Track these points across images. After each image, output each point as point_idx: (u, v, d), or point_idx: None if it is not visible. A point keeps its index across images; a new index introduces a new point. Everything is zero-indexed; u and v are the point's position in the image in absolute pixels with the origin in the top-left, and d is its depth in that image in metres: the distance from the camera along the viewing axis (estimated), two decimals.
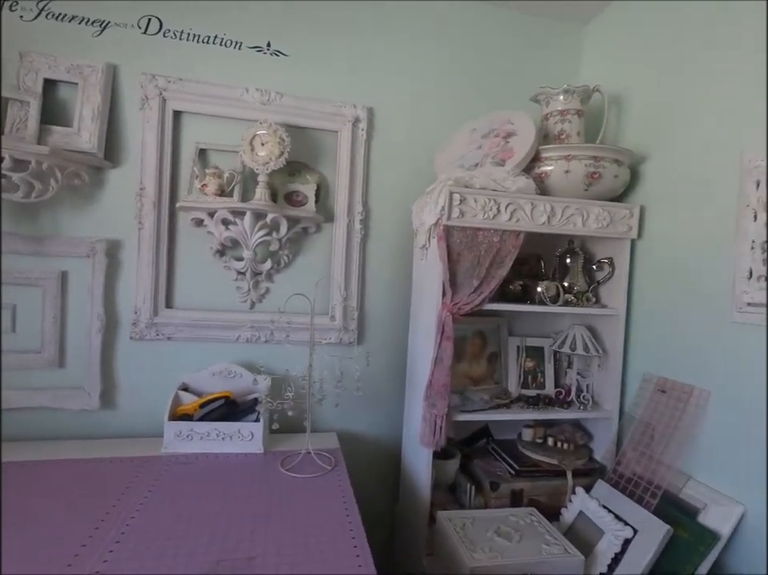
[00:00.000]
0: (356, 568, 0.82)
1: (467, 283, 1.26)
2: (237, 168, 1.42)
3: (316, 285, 1.26)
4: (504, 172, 1.26)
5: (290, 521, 0.97)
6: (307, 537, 0.91)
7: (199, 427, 1.29)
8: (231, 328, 1.46)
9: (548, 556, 1.06)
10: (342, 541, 0.91)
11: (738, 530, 1.06)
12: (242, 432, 1.30)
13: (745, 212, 1.07)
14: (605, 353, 1.46)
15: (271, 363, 1.45)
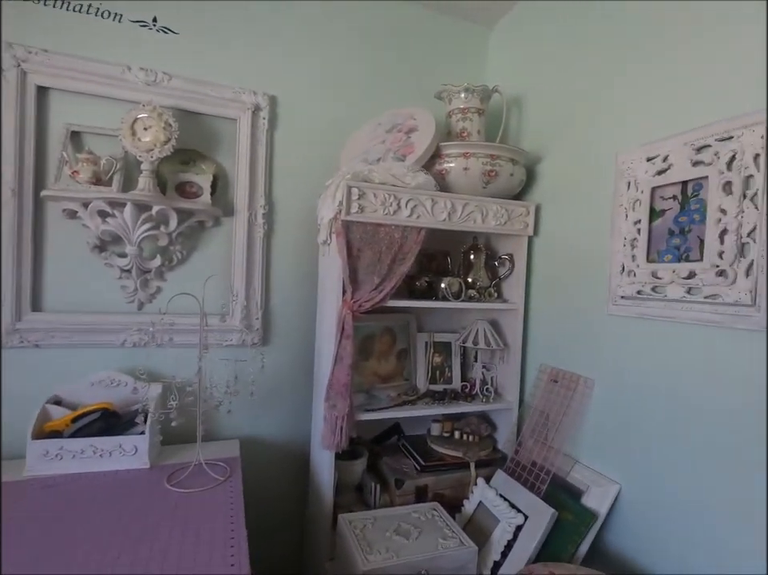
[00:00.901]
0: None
1: (368, 279, 1.24)
2: (118, 155, 1.28)
3: (205, 282, 1.17)
4: (404, 168, 1.25)
5: (164, 541, 0.88)
6: (181, 557, 0.83)
7: (70, 444, 1.14)
8: (116, 332, 1.32)
9: (444, 550, 1.06)
10: (220, 559, 0.84)
11: (615, 508, 1.14)
12: (124, 446, 1.18)
13: (618, 210, 1.14)
14: (507, 346, 1.51)
15: (165, 369, 1.34)
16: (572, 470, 1.24)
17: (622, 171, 1.13)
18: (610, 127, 1.21)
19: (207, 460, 1.23)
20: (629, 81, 1.16)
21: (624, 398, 1.14)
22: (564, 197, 1.37)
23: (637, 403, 1.11)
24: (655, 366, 1.06)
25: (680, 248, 0.99)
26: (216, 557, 0.85)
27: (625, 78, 1.17)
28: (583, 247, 1.29)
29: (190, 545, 0.88)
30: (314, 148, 1.55)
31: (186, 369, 1.20)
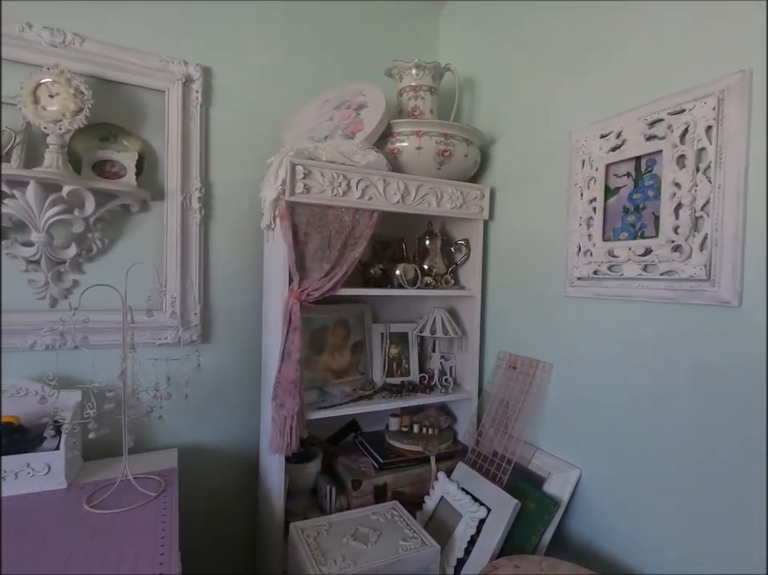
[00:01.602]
0: None
1: (316, 266, 1.14)
2: (19, 126, 1.09)
3: (127, 272, 1.02)
4: (354, 146, 1.16)
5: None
6: None
7: None
8: (23, 333, 1.14)
9: (404, 552, 0.99)
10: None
11: (576, 494, 1.12)
12: (33, 466, 1.01)
13: (573, 190, 1.11)
14: (465, 334, 1.46)
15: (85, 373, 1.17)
16: (533, 458, 1.21)
17: (576, 149, 1.11)
18: (563, 105, 1.18)
19: (137, 474, 1.09)
20: (581, 58, 1.14)
21: (582, 382, 1.12)
22: (519, 179, 1.34)
23: (595, 386, 1.09)
24: (612, 347, 1.05)
25: (635, 225, 0.97)
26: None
27: (577, 57, 1.15)
28: (539, 230, 1.26)
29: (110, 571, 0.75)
30: (256, 127, 1.42)
31: (110, 372, 1.05)
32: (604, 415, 1.06)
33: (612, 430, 1.05)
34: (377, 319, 1.56)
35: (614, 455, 1.04)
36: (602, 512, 1.07)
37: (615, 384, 1.04)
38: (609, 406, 1.05)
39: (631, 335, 1.00)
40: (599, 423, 1.08)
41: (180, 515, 1.32)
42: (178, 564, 0.80)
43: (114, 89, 1.23)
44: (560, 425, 1.19)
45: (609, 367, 1.05)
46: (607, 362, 1.06)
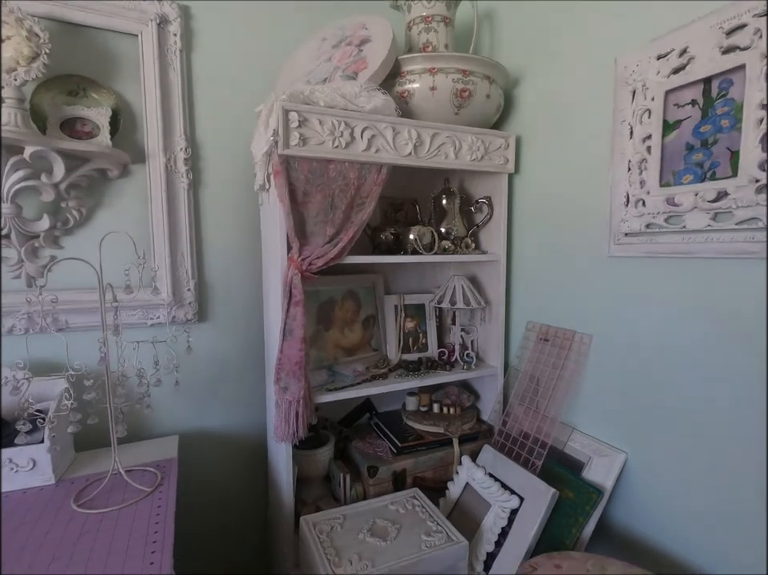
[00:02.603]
0: None
1: (319, 231, 0.99)
2: None
3: (101, 242, 0.89)
4: (357, 87, 0.98)
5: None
6: None
7: None
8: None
9: (428, 549, 0.89)
10: None
11: (621, 479, 0.99)
12: (16, 461, 0.92)
13: (620, 128, 0.93)
14: (488, 304, 1.31)
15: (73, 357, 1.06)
16: (569, 440, 1.08)
17: (624, 78, 0.91)
18: (606, 25, 0.98)
19: (132, 466, 1.00)
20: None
21: (629, 355, 0.97)
22: (550, 124, 1.15)
23: (645, 360, 0.94)
24: (667, 316, 0.89)
25: (704, 165, 0.79)
26: None
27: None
28: (575, 181, 1.09)
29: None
30: (246, 75, 1.25)
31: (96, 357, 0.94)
32: (656, 393, 0.92)
33: (667, 409, 0.90)
34: (390, 290, 1.42)
35: (667, 437, 0.90)
36: (653, 501, 0.93)
37: (670, 358, 0.89)
38: (661, 383, 0.90)
39: (694, 301, 0.84)
40: (648, 402, 0.93)
41: (185, 506, 1.25)
42: (170, 570, 0.69)
43: (80, 34, 1.07)
44: (601, 404, 1.05)
45: (662, 339, 0.90)
46: (661, 332, 0.90)
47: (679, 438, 0.88)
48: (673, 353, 0.88)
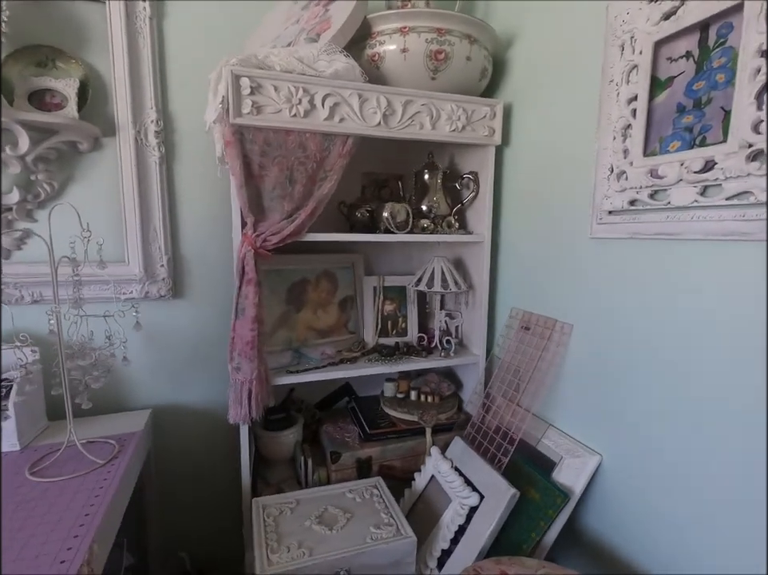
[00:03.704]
0: None
1: (276, 206, 0.94)
2: None
3: (50, 213, 0.88)
4: (315, 50, 0.91)
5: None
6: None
7: None
8: None
9: (373, 541, 0.84)
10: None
11: (594, 484, 0.90)
12: None
13: (608, 90, 0.81)
14: (472, 288, 1.23)
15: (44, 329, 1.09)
16: (543, 437, 1.00)
17: (614, 29, 0.79)
18: None
19: (95, 437, 1.01)
20: None
21: (610, 348, 0.87)
22: (541, 90, 1.03)
23: (626, 353, 0.84)
24: (650, 305, 0.78)
25: (693, 129, 0.67)
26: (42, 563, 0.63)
27: None
28: (563, 154, 0.97)
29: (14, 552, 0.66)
30: (221, 44, 1.19)
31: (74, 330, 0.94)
32: (637, 391, 0.82)
33: (647, 410, 0.80)
34: (371, 271, 1.36)
35: (646, 442, 0.80)
36: (627, 510, 0.84)
37: (654, 352, 0.78)
38: (644, 380, 0.80)
39: (680, 289, 0.73)
40: (629, 401, 0.83)
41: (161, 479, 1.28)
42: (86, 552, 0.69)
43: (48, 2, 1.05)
44: (578, 399, 0.96)
45: (646, 330, 0.79)
46: (645, 323, 0.79)
47: (661, 442, 0.78)
48: (657, 347, 0.78)
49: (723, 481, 0.68)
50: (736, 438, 0.66)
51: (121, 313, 0.92)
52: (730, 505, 0.67)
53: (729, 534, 0.68)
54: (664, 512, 0.77)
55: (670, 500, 0.76)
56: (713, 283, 0.67)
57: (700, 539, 0.72)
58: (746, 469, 0.65)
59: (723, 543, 0.68)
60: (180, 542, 1.31)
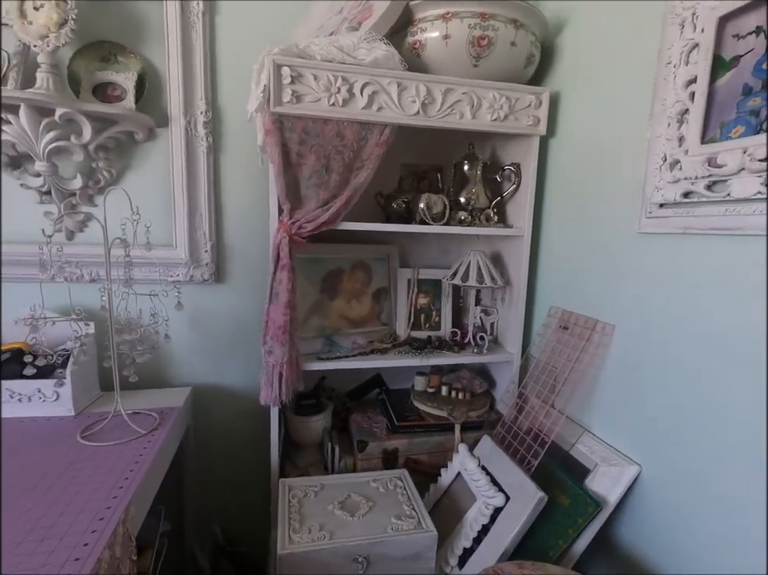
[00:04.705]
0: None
1: (311, 194, 0.96)
2: (17, 47, 1.05)
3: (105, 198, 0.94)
4: (356, 38, 0.91)
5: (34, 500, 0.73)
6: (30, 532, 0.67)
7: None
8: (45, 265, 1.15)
9: (393, 532, 0.84)
10: (70, 541, 0.66)
11: (632, 496, 0.85)
12: (43, 391, 1.04)
13: (664, 72, 0.75)
14: (509, 284, 1.19)
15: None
16: (577, 442, 0.95)
17: (674, 7, 0.73)
18: None
19: (140, 409, 1.08)
20: None
21: (655, 351, 0.81)
22: (592, 76, 0.98)
23: (674, 358, 0.77)
24: (702, 306, 0.72)
25: (760, 113, 0.60)
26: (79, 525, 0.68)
27: None
28: (612, 144, 0.92)
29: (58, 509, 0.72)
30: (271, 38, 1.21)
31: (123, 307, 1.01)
32: (683, 401, 0.76)
33: (693, 421, 0.74)
34: (407, 263, 1.35)
35: (691, 455, 0.74)
36: (665, 525, 0.79)
37: (706, 359, 0.72)
38: (693, 389, 0.74)
39: (736, 290, 0.66)
40: (674, 410, 0.77)
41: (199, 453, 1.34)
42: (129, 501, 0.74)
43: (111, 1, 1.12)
44: (617, 405, 0.90)
45: (699, 334, 0.73)
46: (696, 326, 0.73)
47: (706, 457, 0.72)
48: (708, 353, 0.71)
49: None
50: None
51: (165, 293, 0.98)
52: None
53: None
54: (705, 532, 0.71)
55: (711, 519, 0.70)
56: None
57: (741, 563, 0.65)
58: None
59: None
60: (214, 515, 1.38)
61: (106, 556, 0.64)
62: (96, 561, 0.62)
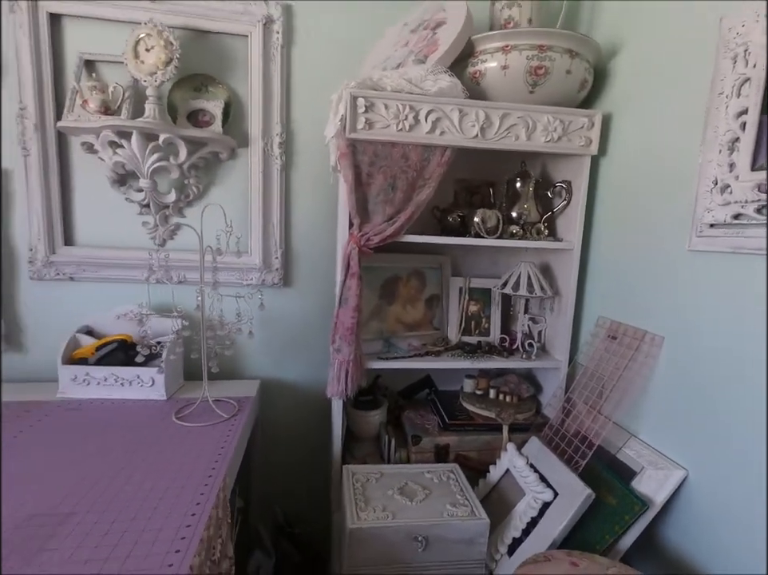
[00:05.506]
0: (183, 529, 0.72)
1: (378, 210, 1.07)
2: (128, 82, 1.22)
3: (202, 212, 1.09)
4: (423, 70, 1.02)
5: (143, 473, 0.86)
6: (150, 492, 0.81)
7: (95, 372, 1.19)
8: (140, 268, 1.33)
9: (449, 518, 0.93)
10: (192, 487, 0.80)
11: (678, 499, 0.89)
12: (142, 377, 1.20)
13: (716, 102, 0.80)
14: (558, 295, 1.25)
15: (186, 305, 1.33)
16: (624, 446, 1.00)
17: (727, 42, 0.79)
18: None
19: (219, 397, 1.22)
20: None
21: (703, 363, 0.86)
22: (643, 99, 1.03)
23: (721, 370, 0.82)
24: (748, 321, 0.76)
25: None
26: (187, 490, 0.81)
27: None
28: (662, 165, 0.97)
29: (169, 476, 0.86)
30: (338, 66, 1.35)
31: (209, 306, 1.16)
32: (732, 410, 0.80)
33: (739, 428, 0.78)
34: (459, 272, 1.43)
35: (738, 461, 0.79)
36: (712, 528, 0.83)
37: (751, 371, 0.76)
38: (740, 399, 0.79)
39: None
40: (721, 418, 0.82)
41: (263, 439, 1.48)
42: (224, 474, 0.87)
43: (203, 39, 1.29)
44: (665, 413, 0.95)
45: (745, 348, 0.78)
46: (743, 341, 0.78)
47: (755, 461, 0.76)
48: (756, 366, 0.76)
49: None
50: None
51: (250, 295, 1.11)
52: None
53: None
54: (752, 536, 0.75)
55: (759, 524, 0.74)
56: None
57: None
58: None
59: None
60: (275, 498, 1.51)
61: (214, 514, 0.77)
62: (207, 517, 0.74)
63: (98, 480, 0.83)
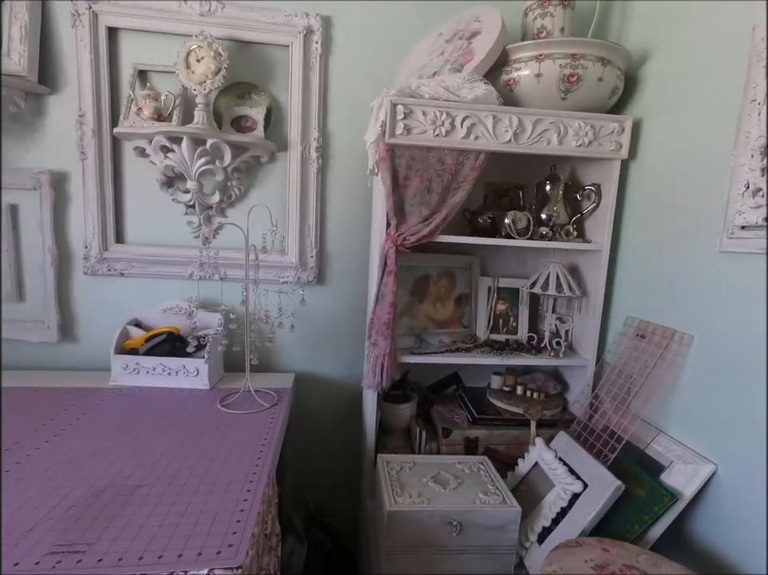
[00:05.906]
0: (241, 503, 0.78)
1: (415, 211, 1.12)
2: (178, 91, 1.31)
3: (249, 212, 1.16)
4: (459, 79, 1.07)
5: (197, 454, 0.93)
6: (207, 469, 0.87)
7: (144, 361, 1.27)
8: (184, 264, 1.41)
9: (482, 505, 0.97)
10: (242, 473, 0.86)
11: (707, 493, 0.92)
12: (187, 368, 1.28)
13: (749, 109, 0.84)
14: (586, 295, 1.28)
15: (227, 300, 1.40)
16: (653, 442, 1.03)
17: (760, 51, 0.82)
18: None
19: (258, 388, 1.28)
20: None
21: (732, 361, 0.89)
22: (674, 106, 1.07)
23: (750, 368, 0.85)
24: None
25: None
26: (240, 470, 0.88)
27: None
28: (693, 169, 1.00)
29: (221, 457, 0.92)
30: (374, 74, 1.41)
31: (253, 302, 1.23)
32: (761, 407, 0.83)
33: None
34: (487, 272, 1.48)
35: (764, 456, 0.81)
36: (741, 521, 0.86)
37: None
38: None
39: None
40: (750, 416, 0.85)
41: (298, 429, 1.54)
42: (270, 459, 0.93)
43: (248, 49, 1.36)
44: (694, 409, 0.97)
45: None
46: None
47: None
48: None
49: None
50: None
51: (292, 291, 1.18)
52: None
53: None
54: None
55: None
56: None
57: None
58: None
59: None
60: (306, 488, 1.57)
61: (266, 492, 0.83)
62: (261, 494, 0.81)
63: (159, 458, 0.90)
